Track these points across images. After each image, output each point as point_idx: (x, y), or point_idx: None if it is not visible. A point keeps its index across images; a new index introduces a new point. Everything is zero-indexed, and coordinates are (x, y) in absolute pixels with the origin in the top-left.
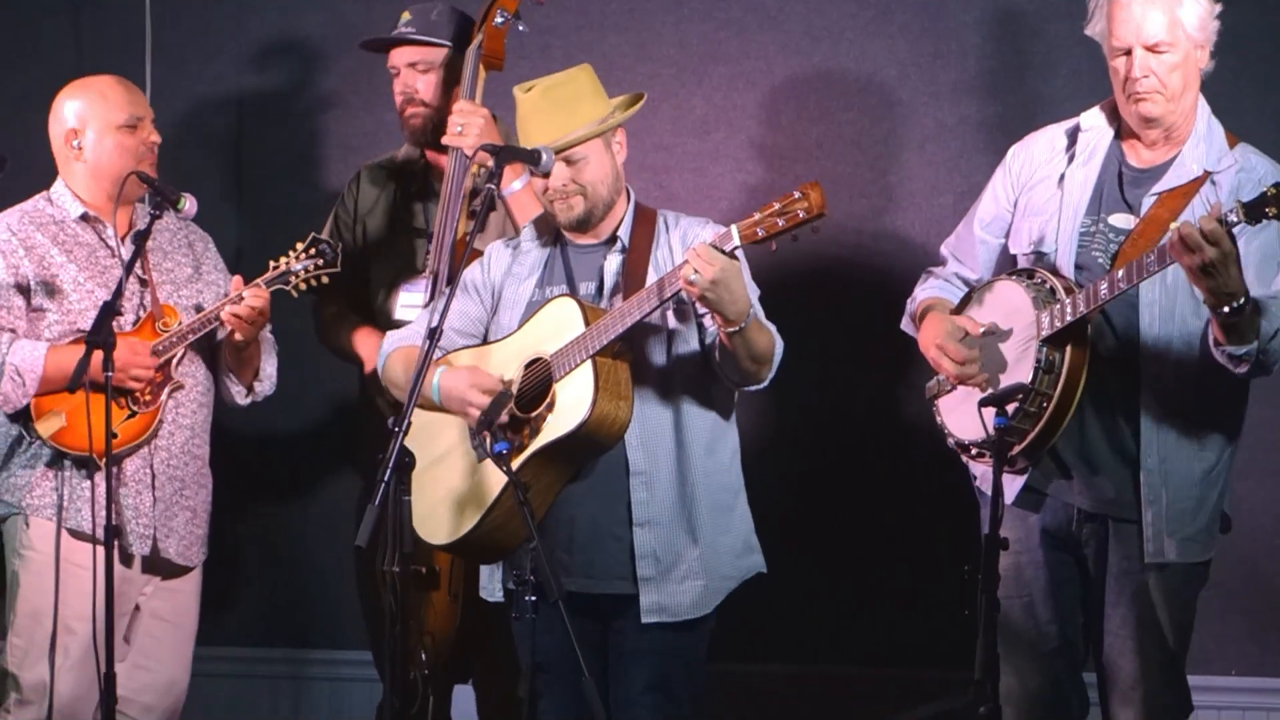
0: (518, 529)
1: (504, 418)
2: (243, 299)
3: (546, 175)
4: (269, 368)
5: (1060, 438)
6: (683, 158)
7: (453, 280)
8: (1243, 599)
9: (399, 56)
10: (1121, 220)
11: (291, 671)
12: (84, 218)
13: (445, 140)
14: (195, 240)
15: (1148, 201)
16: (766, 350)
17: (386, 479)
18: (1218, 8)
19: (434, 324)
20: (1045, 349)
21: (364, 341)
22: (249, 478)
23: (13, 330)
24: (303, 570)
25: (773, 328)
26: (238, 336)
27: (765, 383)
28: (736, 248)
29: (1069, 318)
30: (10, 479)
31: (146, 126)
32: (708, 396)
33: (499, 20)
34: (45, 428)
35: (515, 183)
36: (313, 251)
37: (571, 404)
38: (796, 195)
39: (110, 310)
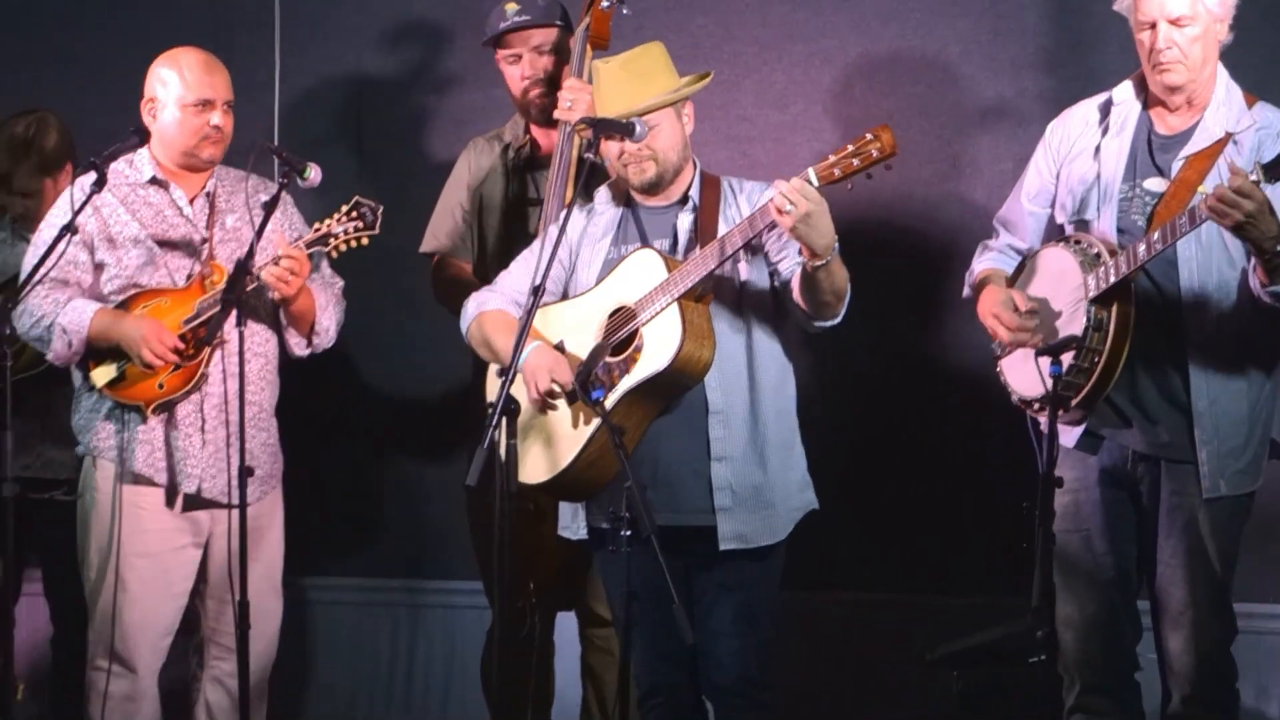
0: (606, 468)
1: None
2: (279, 260)
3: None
4: (325, 321)
5: (1113, 389)
6: (764, 128)
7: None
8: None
9: (521, 42)
10: (1155, 184)
11: (409, 600)
12: (153, 180)
13: (557, 114)
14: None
15: (1176, 165)
16: (844, 286)
17: (495, 422)
18: None
19: (536, 282)
20: (1094, 308)
21: None
22: (370, 425)
23: (78, 284)
24: (419, 507)
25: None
26: (276, 295)
27: (838, 319)
28: (816, 188)
29: (1113, 278)
30: (80, 421)
31: (216, 109)
32: (778, 339)
33: (605, 4)
34: (99, 377)
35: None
36: (354, 215)
37: (659, 344)
38: (869, 137)
39: (242, 270)
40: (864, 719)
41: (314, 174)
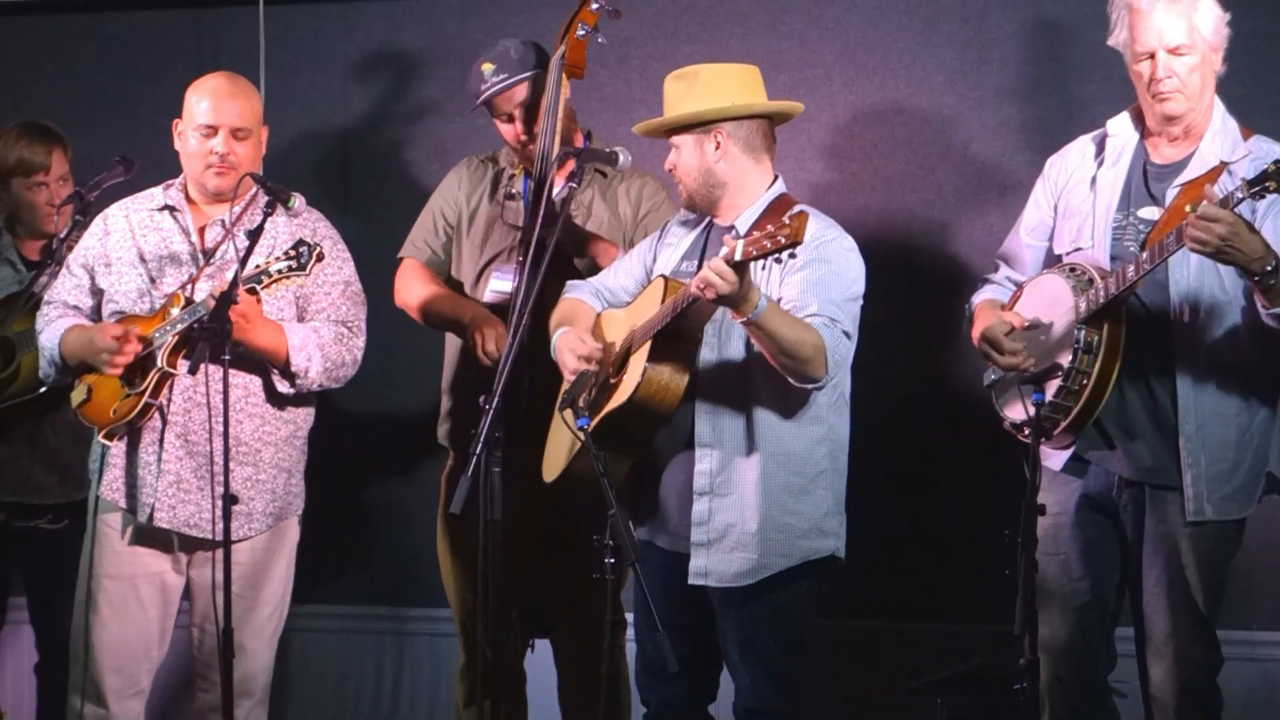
0: (594, 483)
1: (590, 393)
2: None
3: (620, 171)
4: (301, 362)
5: (1102, 412)
6: None
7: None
8: (1264, 557)
9: (507, 102)
10: (1149, 213)
11: (394, 628)
12: (165, 207)
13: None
14: (307, 233)
15: (1171, 193)
16: (794, 347)
17: (478, 451)
18: (1227, 15)
19: (519, 313)
20: (1084, 330)
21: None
22: (356, 452)
23: (76, 307)
24: (403, 535)
25: (827, 334)
26: (234, 335)
27: (818, 381)
28: (737, 262)
29: (1102, 299)
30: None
31: (219, 136)
32: (784, 382)
33: (580, 33)
34: (75, 398)
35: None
36: (290, 254)
37: (628, 380)
38: (785, 223)
39: (227, 299)
40: None
41: (298, 203)
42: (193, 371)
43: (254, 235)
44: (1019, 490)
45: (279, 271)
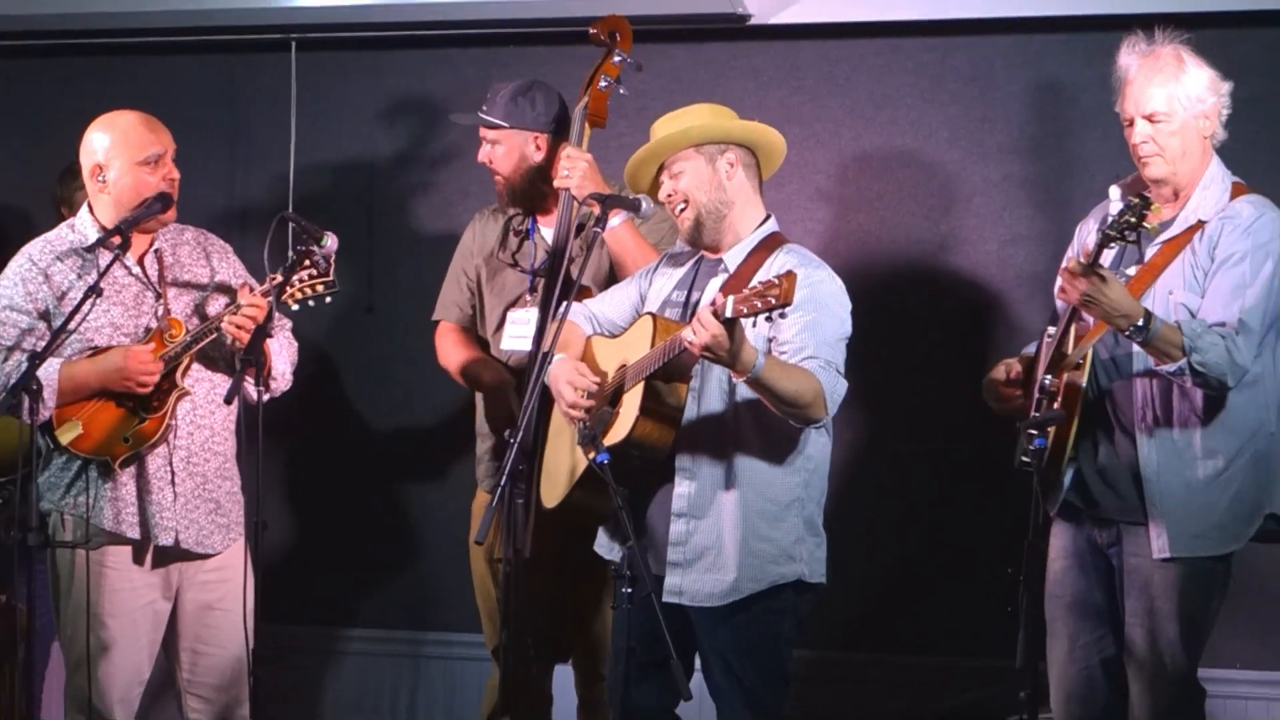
0: (603, 502)
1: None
2: (240, 309)
3: (644, 219)
4: (281, 366)
5: (1082, 457)
6: None
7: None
8: (1245, 600)
9: (485, 134)
10: (1133, 270)
11: (411, 650)
12: (97, 243)
13: (556, 183)
14: (214, 252)
15: (1152, 250)
16: (794, 397)
17: (503, 484)
18: (1226, 85)
19: (545, 349)
20: (1049, 378)
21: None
22: (378, 483)
23: (32, 350)
24: (421, 562)
25: (824, 377)
26: (236, 343)
27: (818, 422)
28: (727, 318)
29: (1045, 349)
30: (50, 479)
31: (167, 163)
32: (766, 413)
33: (603, 84)
34: (64, 435)
35: (613, 219)
36: (306, 263)
37: (624, 418)
38: (774, 283)
39: (262, 333)
40: None
41: (330, 242)
42: (229, 401)
43: (289, 272)
44: (1018, 529)
45: (300, 280)
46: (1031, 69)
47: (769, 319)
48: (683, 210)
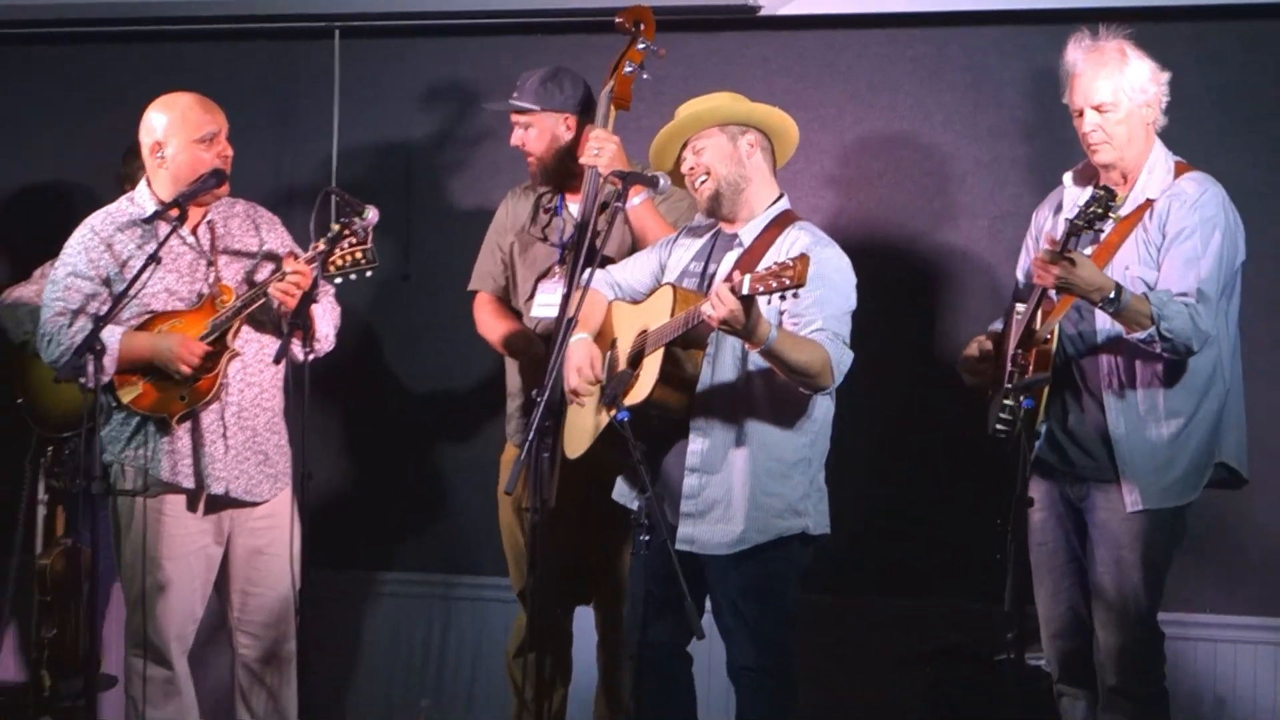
0: (622, 456)
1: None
2: (285, 275)
3: (663, 195)
4: (325, 328)
5: (1052, 421)
6: None
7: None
8: (1215, 550)
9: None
10: (1090, 250)
11: (442, 593)
12: (155, 215)
13: (583, 160)
14: (263, 223)
15: (1106, 229)
16: (804, 367)
17: (531, 439)
18: (1166, 75)
19: (570, 315)
20: (1018, 352)
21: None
22: (413, 435)
23: (95, 314)
24: (453, 510)
25: (832, 348)
26: (283, 307)
27: (826, 389)
28: (745, 295)
29: (1016, 325)
30: (110, 433)
31: (221, 142)
32: (775, 380)
33: (628, 69)
34: (125, 395)
35: (635, 199)
36: (348, 234)
37: (644, 380)
38: (789, 264)
39: (308, 299)
40: (849, 713)
41: (372, 214)
42: (277, 361)
43: (332, 243)
44: (1004, 484)
45: (341, 248)
46: (1021, 58)
47: (782, 298)
48: (703, 182)
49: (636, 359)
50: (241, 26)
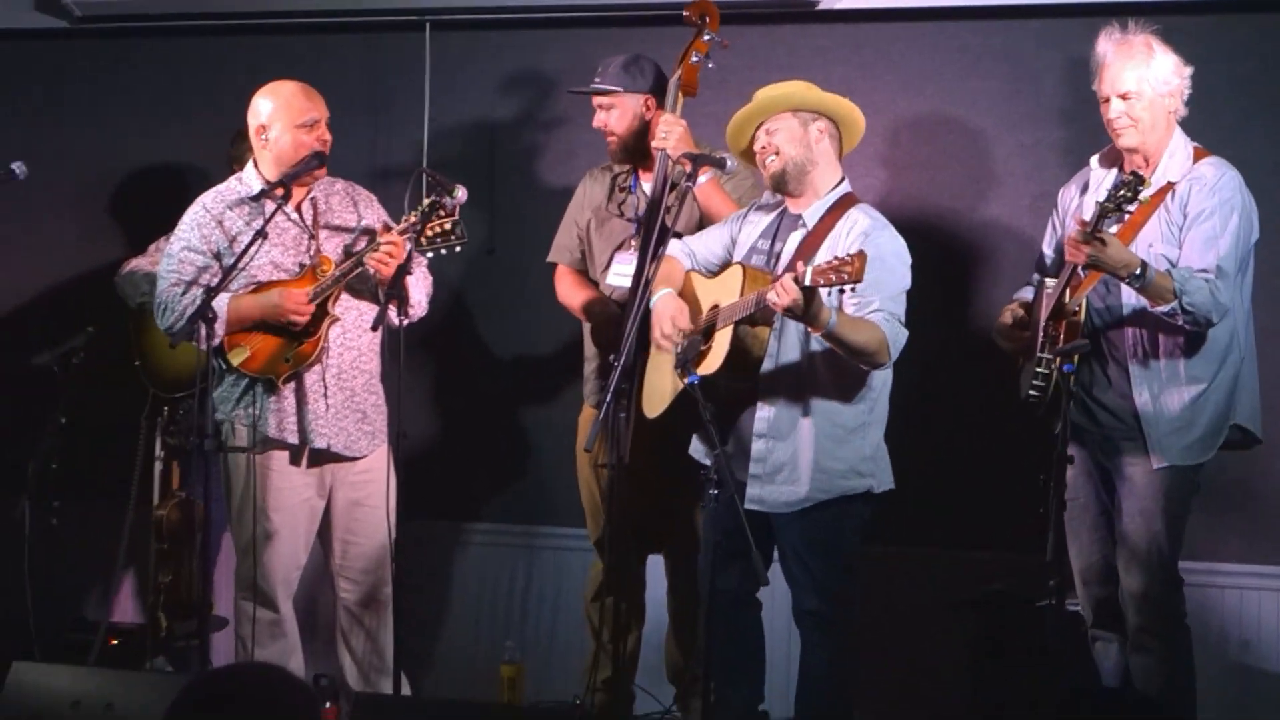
0: (695, 415)
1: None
2: (379, 246)
3: (729, 175)
4: (418, 295)
5: (1080, 387)
6: None
7: (659, 248)
8: (1237, 502)
9: (598, 101)
10: (1115, 229)
11: (526, 542)
12: (261, 194)
13: (654, 144)
14: (360, 200)
15: (1133, 209)
16: (862, 347)
17: (608, 400)
18: (1188, 69)
19: (647, 276)
20: (1050, 323)
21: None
22: (499, 396)
23: (207, 285)
24: (536, 464)
25: (888, 328)
26: (379, 276)
27: (883, 367)
28: (806, 285)
29: (1046, 299)
30: (221, 394)
31: (321, 127)
32: (836, 355)
33: (694, 59)
34: (235, 358)
35: (701, 178)
36: (437, 207)
37: (715, 354)
38: (848, 259)
39: (403, 271)
40: (901, 653)
41: (461, 193)
42: (375, 327)
43: (424, 218)
44: (1042, 445)
45: (429, 220)
46: (1059, 49)
47: (841, 291)
48: (772, 161)
49: (709, 331)
50: (341, 20)
